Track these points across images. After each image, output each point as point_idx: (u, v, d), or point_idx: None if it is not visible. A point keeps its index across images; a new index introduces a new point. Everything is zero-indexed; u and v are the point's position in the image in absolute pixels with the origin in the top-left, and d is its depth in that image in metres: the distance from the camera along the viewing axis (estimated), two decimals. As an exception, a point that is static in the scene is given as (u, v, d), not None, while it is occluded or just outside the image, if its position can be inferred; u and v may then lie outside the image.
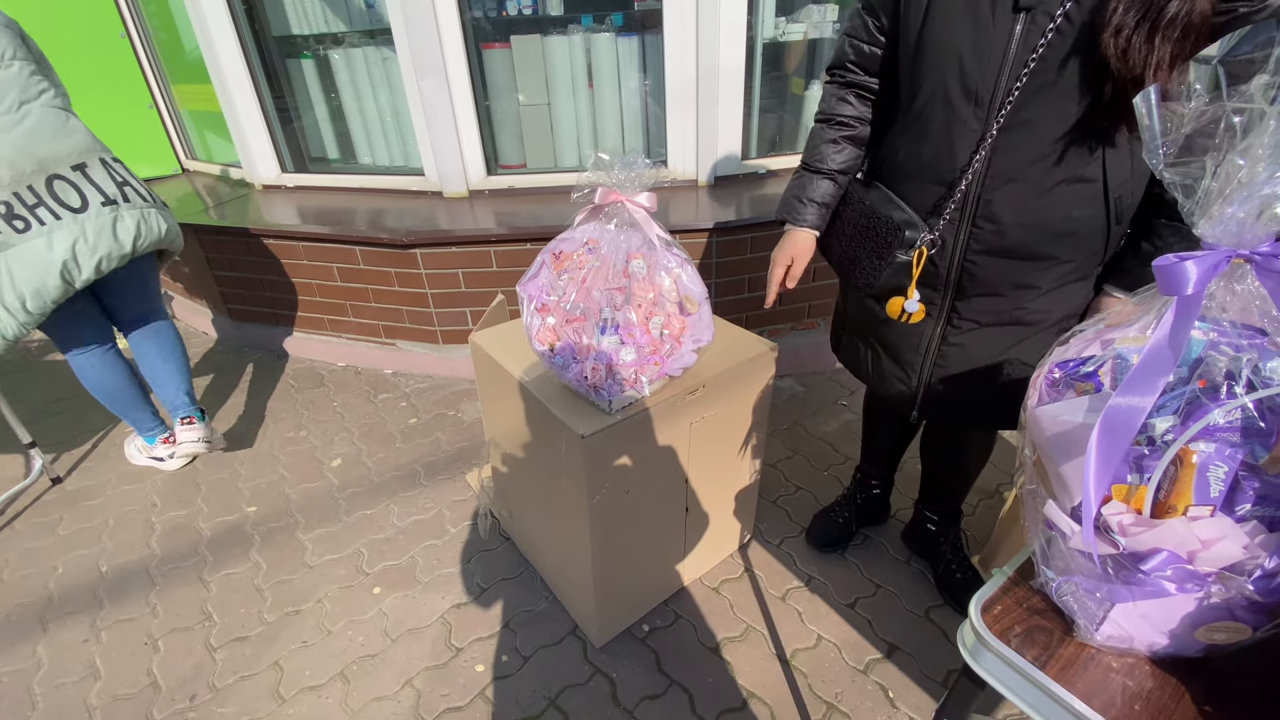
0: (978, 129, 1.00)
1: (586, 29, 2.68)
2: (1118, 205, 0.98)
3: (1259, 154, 0.50)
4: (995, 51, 0.94)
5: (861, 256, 1.21)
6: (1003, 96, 0.95)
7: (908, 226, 1.10)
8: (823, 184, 1.26)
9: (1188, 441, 0.53)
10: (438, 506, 1.94)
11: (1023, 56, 0.92)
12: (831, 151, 1.25)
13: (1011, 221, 1.02)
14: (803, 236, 1.29)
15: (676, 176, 2.57)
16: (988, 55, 0.95)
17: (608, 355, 1.20)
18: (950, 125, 1.03)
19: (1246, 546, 0.53)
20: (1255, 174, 0.50)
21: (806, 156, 1.28)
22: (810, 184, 1.27)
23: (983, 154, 1.00)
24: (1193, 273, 0.52)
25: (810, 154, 1.28)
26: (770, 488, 1.96)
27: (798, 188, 1.29)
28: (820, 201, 1.27)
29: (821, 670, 1.43)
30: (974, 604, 0.69)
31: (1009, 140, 0.98)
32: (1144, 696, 0.61)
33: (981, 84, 0.97)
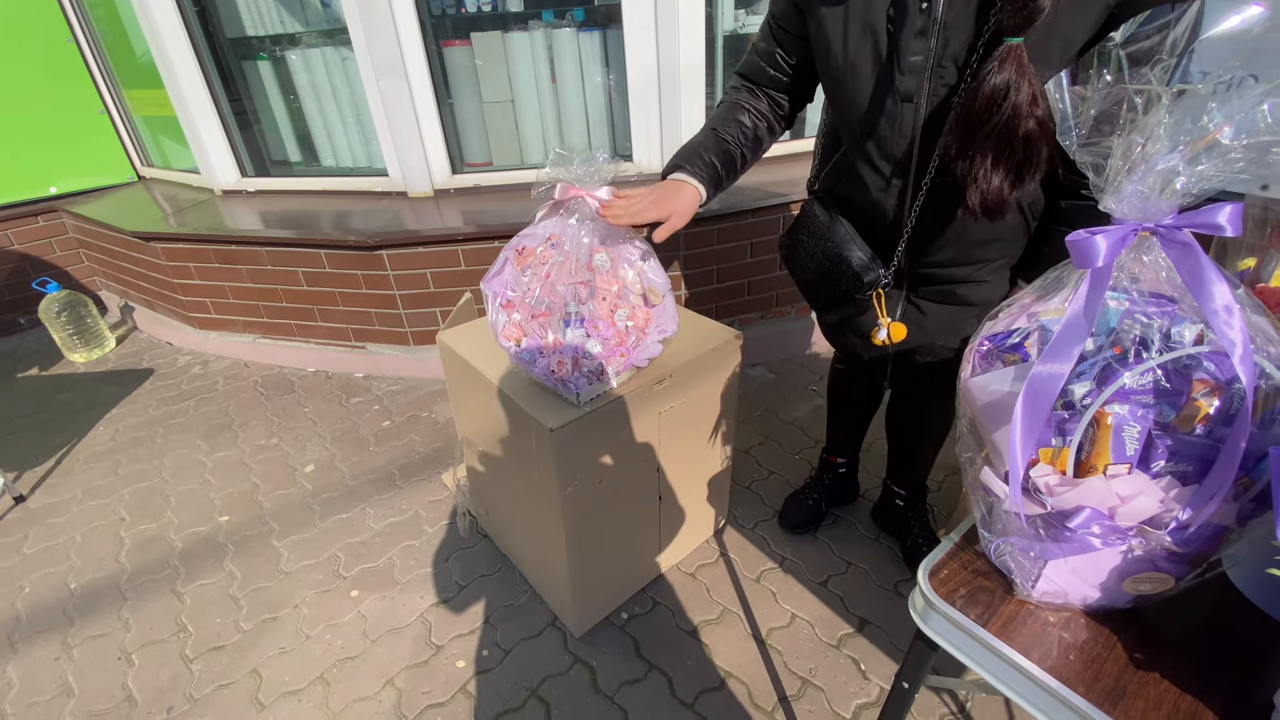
0: (901, 188, 1.09)
1: (548, 24, 2.68)
2: (1032, 209, 1.09)
3: (1158, 133, 0.54)
4: (905, 127, 1.01)
5: (822, 287, 1.28)
6: (919, 162, 1.03)
7: (866, 271, 1.17)
8: (700, 138, 1.24)
9: (1103, 404, 0.56)
10: (414, 508, 1.94)
11: (934, 127, 0.99)
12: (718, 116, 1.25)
13: (947, 250, 1.14)
14: (690, 193, 1.19)
15: (642, 171, 2.58)
16: (898, 127, 1.02)
17: (574, 348, 1.22)
18: (874, 185, 1.11)
19: (1162, 500, 0.57)
20: (1155, 151, 0.53)
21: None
22: (715, 145, 1.22)
23: (913, 212, 1.09)
24: (1102, 246, 0.55)
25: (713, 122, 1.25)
26: (743, 473, 2.00)
27: (701, 145, 1.23)
28: (721, 166, 1.22)
29: (796, 647, 1.47)
30: (922, 570, 0.73)
31: (934, 198, 1.05)
32: (1079, 647, 0.65)
33: (897, 151, 1.04)
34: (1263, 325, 0.59)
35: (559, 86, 2.72)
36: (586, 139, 2.80)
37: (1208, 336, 0.58)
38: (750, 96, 1.25)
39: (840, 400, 1.70)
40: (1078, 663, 0.64)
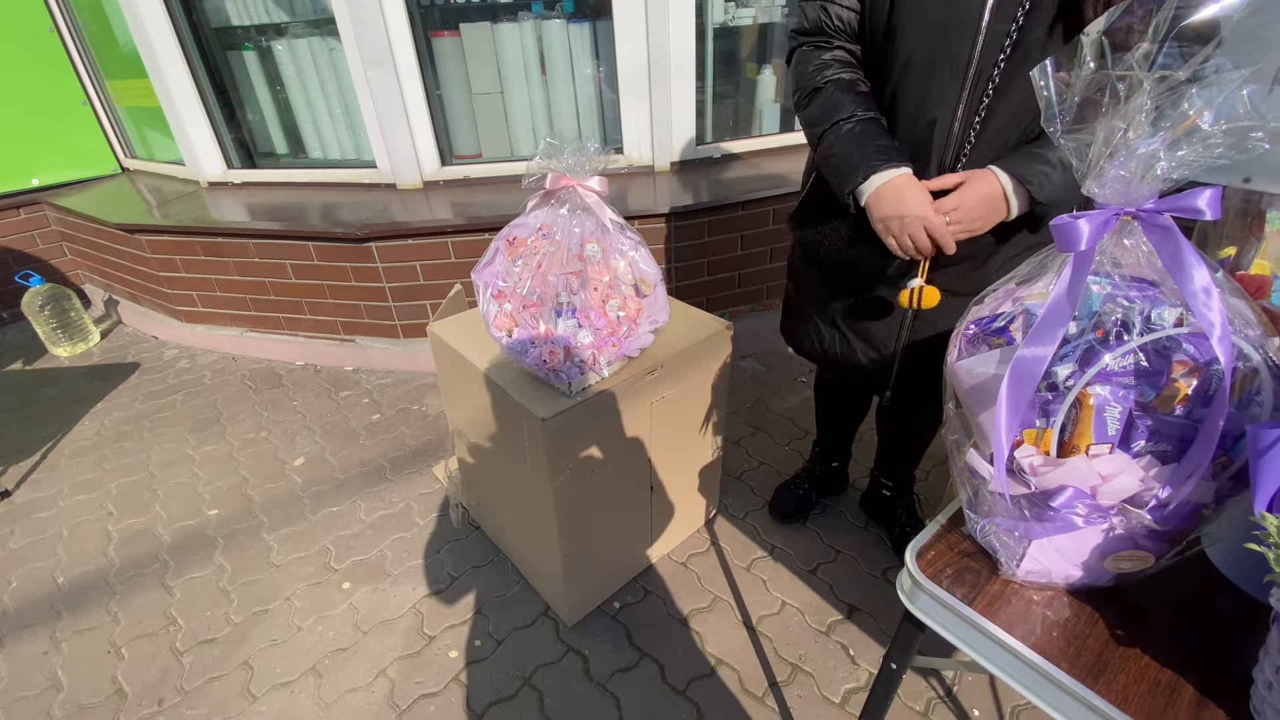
0: (957, 101, 0.98)
1: (537, 15, 2.67)
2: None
3: (1139, 119, 0.55)
4: (971, 20, 0.93)
5: (842, 277, 1.25)
6: (984, 68, 0.95)
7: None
8: (871, 126, 1.04)
9: (1085, 385, 0.57)
10: (405, 500, 1.94)
11: (1000, 27, 0.92)
12: (856, 101, 1.05)
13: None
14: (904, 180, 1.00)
15: (633, 162, 2.58)
16: (964, 25, 0.94)
17: (565, 339, 1.22)
18: (929, 100, 1.00)
19: (1143, 479, 0.59)
20: (1136, 136, 0.54)
21: (827, 121, 1.06)
22: (864, 130, 1.03)
23: (971, 127, 0.99)
24: (1085, 230, 0.56)
25: (836, 112, 1.05)
26: (734, 464, 2.01)
27: (857, 142, 1.03)
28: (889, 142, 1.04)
29: (786, 634, 1.48)
30: (910, 551, 0.74)
31: (991, 113, 0.98)
32: (1061, 624, 0.67)
33: (960, 55, 0.95)
34: (1240, 308, 0.60)
35: (549, 78, 2.71)
36: (577, 130, 2.79)
37: (1187, 319, 0.59)
38: (836, 56, 1.08)
39: (829, 408, 1.69)
40: (1061, 639, 0.65)
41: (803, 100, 1.12)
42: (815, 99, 1.09)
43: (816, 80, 1.08)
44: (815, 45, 1.10)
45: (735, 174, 2.54)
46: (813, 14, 1.08)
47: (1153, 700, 0.59)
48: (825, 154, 1.08)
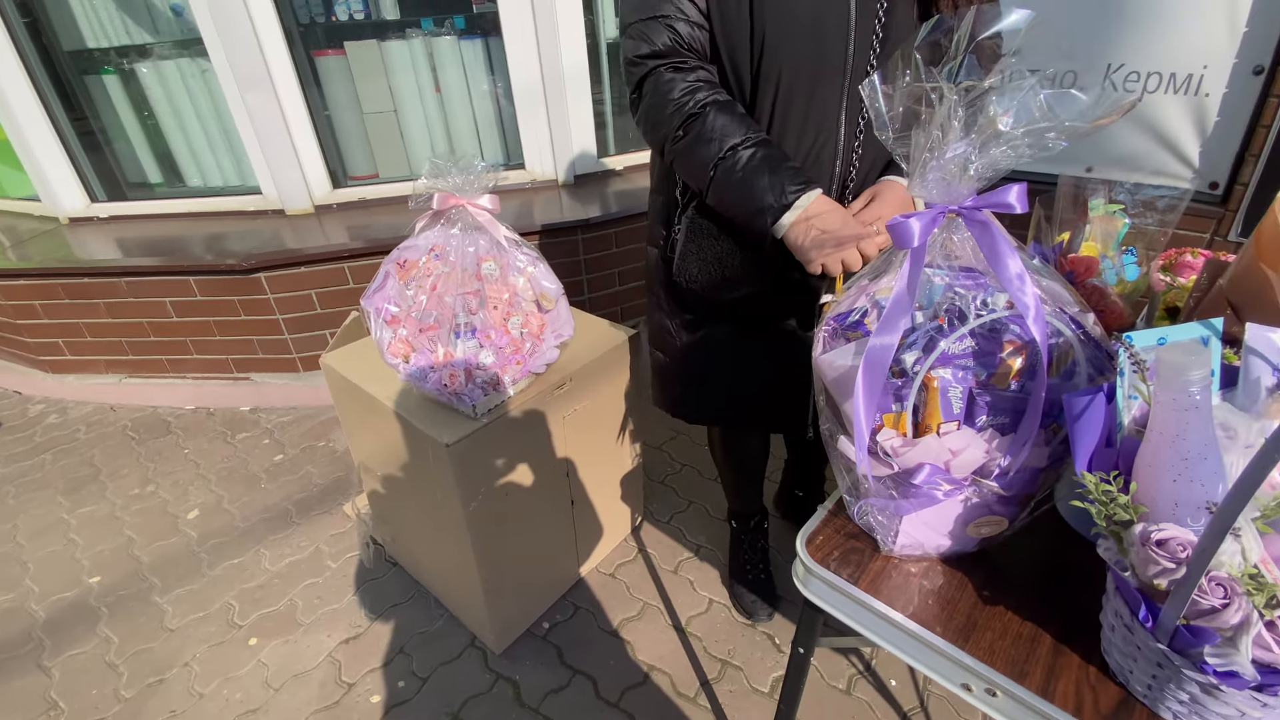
0: (839, 109, 0.96)
1: (427, 32, 2.62)
2: None
3: (953, 124, 0.60)
4: (840, 23, 0.92)
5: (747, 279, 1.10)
6: (858, 72, 0.94)
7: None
8: (770, 149, 0.96)
9: (929, 370, 0.62)
10: (314, 543, 1.83)
11: (866, 25, 0.92)
12: (743, 123, 0.97)
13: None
14: (823, 201, 0.94)
15: (536, 177, 2.58)
16: (835, 28, 0.92)
17: (466, 360, 1.20)
18: (813, 113, 0.98)
19: (987, 451, 0.64)
20: (950, 141, 0.60)
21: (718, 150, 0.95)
22: (766, 155, 0.95)
23: (856, 135, 0.99)
24: (915, 228, 0.61)
25: (726, 138, 0.95)
26: (657, 468, 2.04)
27: (764, 167, 0.94)
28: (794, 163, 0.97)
29: (714, 631, 1.51)
30: (800, 538, 0.78)
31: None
32: (936, 592, 0.72)
33: (836, 60, 0.92)
34: (1056, 289, 0.67)
35: (444, 95, 2.66)
36: (478, 147, 2.76)
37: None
38: (700, 78, 0.98)
39: (746, 470, 1.50)
40: (935, 606, 0.70)
41: (676, 130, 0.97)
42: (694, 127, 0.96)
43: (690, 105, 0.95)
44: (673, 67, 0.97)
45: (638, 185, 2.59)
46: (660, 35, 0.96)
47: (1016, 651, 0.65)
48: (723, 187, 0.96)
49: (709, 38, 0.98)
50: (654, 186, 1.24)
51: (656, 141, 1.04)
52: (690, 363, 1.24)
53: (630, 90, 1.03)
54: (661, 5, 0.95)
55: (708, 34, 0.98)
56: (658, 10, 0.95)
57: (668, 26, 0.95)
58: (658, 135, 1.02)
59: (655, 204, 1.23)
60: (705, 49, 0.99)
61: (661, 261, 1.21)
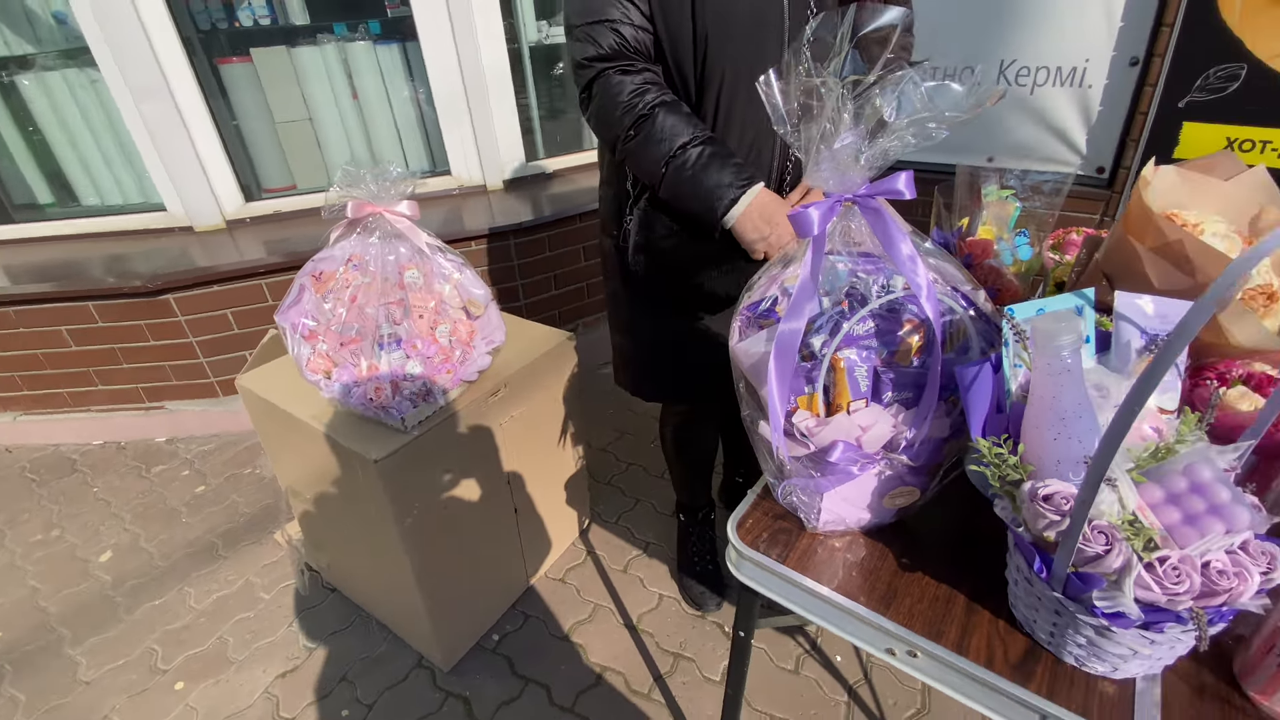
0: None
1: (341, 38, 2.53)
2: None
3: (843, 116, 0.63)
4: (774, 22, 0.95)
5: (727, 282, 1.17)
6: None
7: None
8: (718, 146, 1.00)
9: (835, 351, 0.65)
10: (244, 576, 1.74)
11: (798, 24, 0.96)
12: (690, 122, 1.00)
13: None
14: (767, 195, 1.00)
15: (463, 183, 2.53)
16: (770, 27, 0.95)
17: (392, 372, 1.17)
18: (753, 111, 1.00)
19: (894, 425, 0.67)
20: (838, 133, 0.62)
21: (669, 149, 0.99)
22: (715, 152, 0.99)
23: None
24: (814, 217, 0.64)
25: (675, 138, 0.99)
26: (603, 470, 2.04)
27: (712, 164, 0.98)
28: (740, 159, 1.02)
29: (666, 626, 1.52)
30: (730, 523, 0.79)
31: None
32: (859, 564, 0.75)
33: (772, 59, 0.88)
34: (949, 270, 0.72)
35: (362, 102, 2.58)
36: (401, 155, 2.69)
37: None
38: (648, 79, 1.02)
39: (697, 461, 1.54)
40: (859, 577, 0.73)
41: (627, 130, 1.01)
42: (644, 127, 0.99)
43: (639, 107, 0.99)
44: (621, 70, 1.00)
45: (569, 188, 2.58)
46: (606, 38, 0.98)
47: (932, 613, 0.68)
48: (675, 183, 1.01)
49: (653, 40, 1.01)
50: (604, 180, 1.27)
51: (608, 140, 1.07)
52: (646, 345, 1.31)
53: (580, 91, 1.06)
54: (607, 10, 0.97)
55: (652, 36, 1.01)
56: (603, 15, 0.97)
57: (613, 30, 0.98)
58: (609, 134, 1.05)
59: (606, 197, 1.26)
60: (650, 51, 1.02)
61: (615, 251, 1.25)
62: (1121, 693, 0.60)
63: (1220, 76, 1.70)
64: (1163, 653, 0.58)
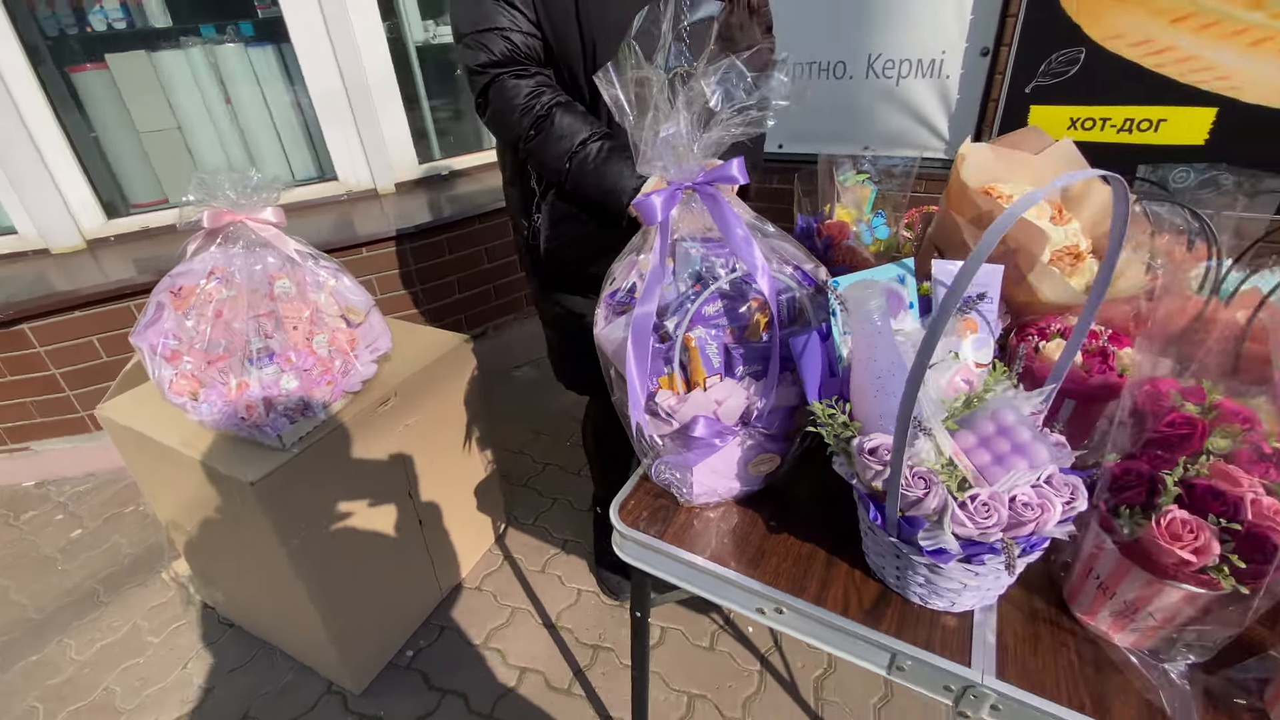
0: None
1: (208, 40, 2.38)
2: None
3: (675, 108, 0.66)
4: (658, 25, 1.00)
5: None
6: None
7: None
8: (614, 140, 1.03)
9: (686, 331, 0.68)
10: (130, 620, 1.61)
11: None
12: (586, 119, 1.03)
13: None
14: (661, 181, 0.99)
15: (352, 188, 2.43)
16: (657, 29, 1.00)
17: (265, 388, 1.12)
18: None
19: (747, 397, 0.71)
20: (670, 123, 0.65)
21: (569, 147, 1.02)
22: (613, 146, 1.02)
23: None
24: (657, 204, 0.67)
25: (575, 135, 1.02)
26: (519, 472, 2.02)
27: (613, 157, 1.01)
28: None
29: (584, 620, 1.53)
30: (613, 507, 0.81)
31: None
32: (731, 531, 0.78)
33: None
34: (790, 250, 0.76)
35: (235, 108, 2.43)
36: (285, 161, 2.55)
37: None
38: (541, 82, 1.05)
39: (617, 453, 1.54)
40: (730, 544, 0.76)
41: (528, 131, 1.04)
42: (544, 127, 1.03)
43: (537, 108, 1.02)
44: (515, 74, 1.03)
45: (468, 189, 2.53)
46: (497, 45, 1.01)
47: (796, 570, 0.73)
48: (579, 177, 1.04)
49: (543, 46, 1.05)
50: (508, 179, 1.27)
51: (509, 141, 1.10)
52: (568, 336, 1.32)
53: (475, 97, 1.08)
54: (495, 18, 1.01)
55: (541, 43, 1.04)
56: (493, 23, 1.01)
57: (504, 37, 1.01)
58: (510, 136, 1.08)
59: (512, 196, 1.26)
60: (540, 56, 1.06)
61: (528, 248, 1.26)
62: (961, 624, 0.66)
63: (1061, 61, 1.88)
64: (989, 583, 0.64)
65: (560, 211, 1.18)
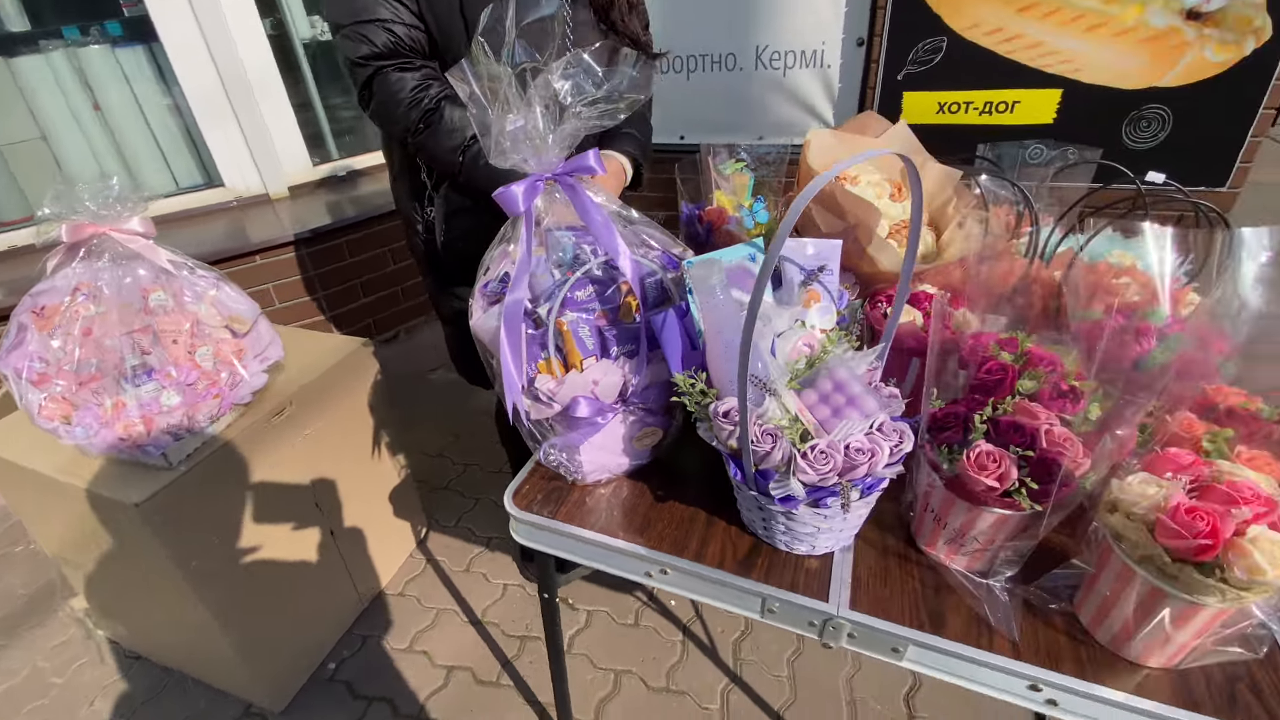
0: None
1: (71, 42, 2.21)
2: None
3: (528, 103, 0.69)
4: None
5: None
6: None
7: None
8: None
9: (558, 317, 0.71)
10: (29, 663, 1.50)
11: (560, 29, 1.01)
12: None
13: None
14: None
15: (240, 194, 2.32)
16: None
17: (144, 406, 1.07)
18: None
19: (623, 374, 0.75)
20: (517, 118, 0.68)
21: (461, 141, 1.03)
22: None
23: None
24: (518, 193, 0.69)
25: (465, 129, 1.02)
26: (439, 475, 2.00)
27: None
28: None
29: (511, 613, 1.55)
30: (506, 494, 0.84)
31: None
32: (621, 503, 0.83)
33: None
34: (659, 236, 0.81)
35: (106, 114, 2.27)
36: (166, 168, 2.40)
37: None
38: (426, 74, 1.03)
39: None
40: (619, 516, 0.81)
41: (416, 124, 1.03)
42: (433, 121, 1.02)
43: (425, 101, 1.01)
44: (399, 67, 1.02)
45: (369, 189, 2.47)
46: (379, 36, 0.99)
47: (678, 533, 0.78)
48: (471, 171, 1.05)
49: (427, 39, 1.03)
50: (395, 175, 1.25)
51: (396, 135, 1.08)
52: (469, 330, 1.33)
53: (358, 90, 1.05)
54: (376, 9, 0.98)
55: (425, 35, 1.03)
56: (373, 14, 0.98)
57: (386, 29, 0.99)
58: (397, 130, 1.06)
59: (402, 191, 1.24)
60: (425, 48, 1.04)
61: (423, 243, 1.24)
62: (822, 565, 0.73)
63: (927, 50, 2.03)
64: (838, 525, 0.71)
65: (454, 204, 1.18)
